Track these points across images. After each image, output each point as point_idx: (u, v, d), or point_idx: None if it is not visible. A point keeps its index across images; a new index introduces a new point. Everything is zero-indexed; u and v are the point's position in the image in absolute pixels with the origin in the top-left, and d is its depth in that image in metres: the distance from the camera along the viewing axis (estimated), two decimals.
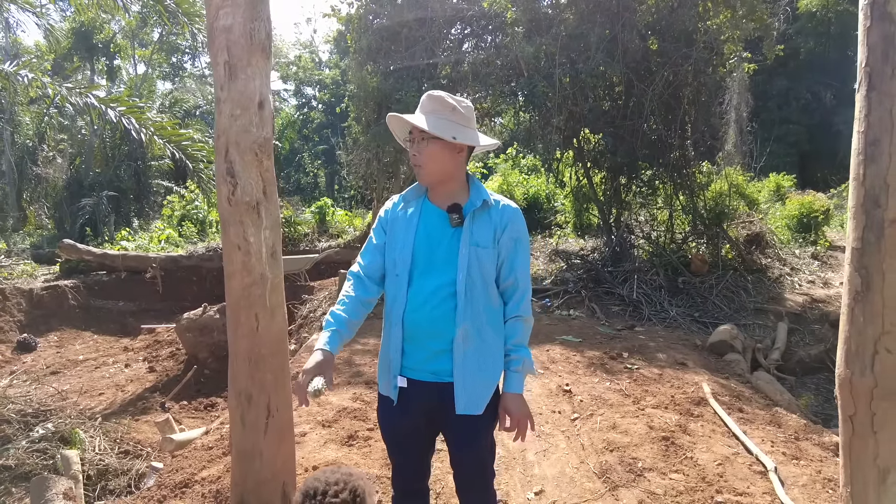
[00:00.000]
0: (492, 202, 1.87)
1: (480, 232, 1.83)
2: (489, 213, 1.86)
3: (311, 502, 1.26)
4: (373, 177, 10.04)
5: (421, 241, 1.85)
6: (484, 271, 1.82)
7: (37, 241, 15.94)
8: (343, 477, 1.31)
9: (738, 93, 17.43)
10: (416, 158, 1.83)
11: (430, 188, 1.90)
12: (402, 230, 1.87)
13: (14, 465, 4.31)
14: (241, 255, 2.44)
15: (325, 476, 1.32)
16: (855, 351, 2.08)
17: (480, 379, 1.83)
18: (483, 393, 1.84)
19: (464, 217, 1.83)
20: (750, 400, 4.26)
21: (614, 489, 2.87)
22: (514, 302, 1.88)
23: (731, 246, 8.64)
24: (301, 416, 3.76)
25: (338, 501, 1.26)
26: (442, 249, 1.83)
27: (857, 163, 2.05)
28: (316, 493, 1.27)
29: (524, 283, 1.89)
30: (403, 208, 1.92)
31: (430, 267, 1.83)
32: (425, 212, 1.89)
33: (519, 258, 1.87)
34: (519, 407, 1.84)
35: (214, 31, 2.38)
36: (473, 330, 1.82)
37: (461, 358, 1.81)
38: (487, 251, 1.82)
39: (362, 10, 9.48)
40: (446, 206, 1.86)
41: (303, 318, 7.70)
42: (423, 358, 1.84)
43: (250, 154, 2.40)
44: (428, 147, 1.81)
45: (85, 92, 7.27)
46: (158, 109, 18.64)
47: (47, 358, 8.41)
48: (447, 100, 1.84)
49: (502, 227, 1.84)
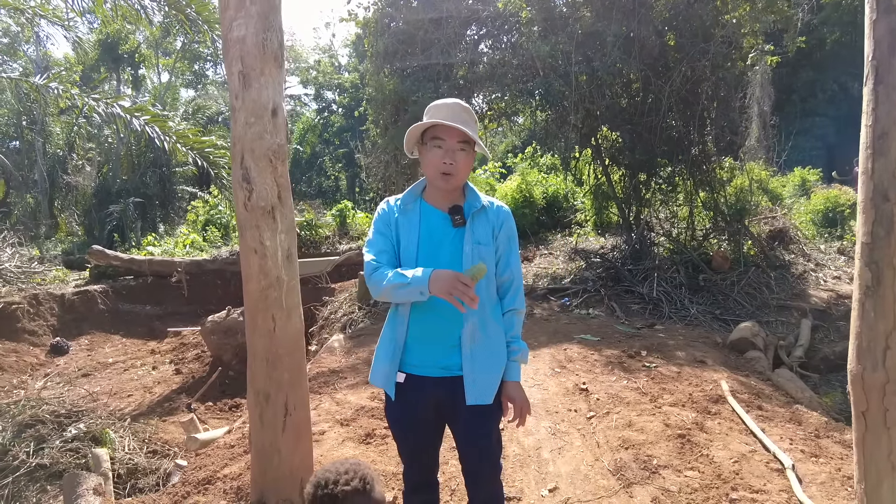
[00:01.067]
0: (487, 203, 1.98)
1: (481, 231, 1.93)
2: (486, 214, 1.96)
3: (324, 491, 1.32)
4: (391, 179, 10.13)
5: (424, 241, 1.92)
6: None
7: (68, 247, 16.39)
8: (352, 467, 1.38)
9: (760, 86, 17.13)
10: (452, 167, 1.87)
11: (434, 191, 1.97)
12: (405, 232, 1.94)
13: (49, 464, 4.47)
14: (257, 259, 2.52)
15: (335, 467, 1.38)
16: (866, 346, 2.07)
17: (488, 370, 1.90)
18: (491, 383, 1.91)
19: (465, 218, 1.92)
20: (770, 398, 4.21)
21: (628, 486, 2.88)
22: (511, 295, 1.99)
23: (754, 242, 8.52)
24: (320, 414, 3.84)
25: (349, 489, 1.33)
26: (445, 249, 1.91)
27: (866, 157, 2.04)
28: (328, 483, 1.33)
29: (518, 278, 2.01)
30: (402, 210, 1.98)
31: (434, 265, 1.88)
32: (425, 213, 1.96)
33: (513, 254, 1.99)
34: (519, 394, 1.94)
35: (229, 42, 2.47)
36: (479, 325, 1.90)
37: (469, 352, 1.89)
38: (488, 248, 1.92)
39: (378, 14, 9.57)
40: (446, 207, 1.94)
41: (324, 319, 7.81)
42: (432, 354, 1.90)
43: (265, 160, 2.48)
44: (462, 156, 1.89)
45: (111, 102, 7.47)
46: (182, 117, 19.05)
47: (79, 361, 8.67)
48: (471, 111, 1.93)
49: (499, 226, 1.96)
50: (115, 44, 20.63)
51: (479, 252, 1.90)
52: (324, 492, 1.33)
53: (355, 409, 3.91)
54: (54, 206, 19.26)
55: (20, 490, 4.25)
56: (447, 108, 1.89)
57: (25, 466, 4.29)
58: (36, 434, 4.80)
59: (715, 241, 8.72)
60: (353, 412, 3.86)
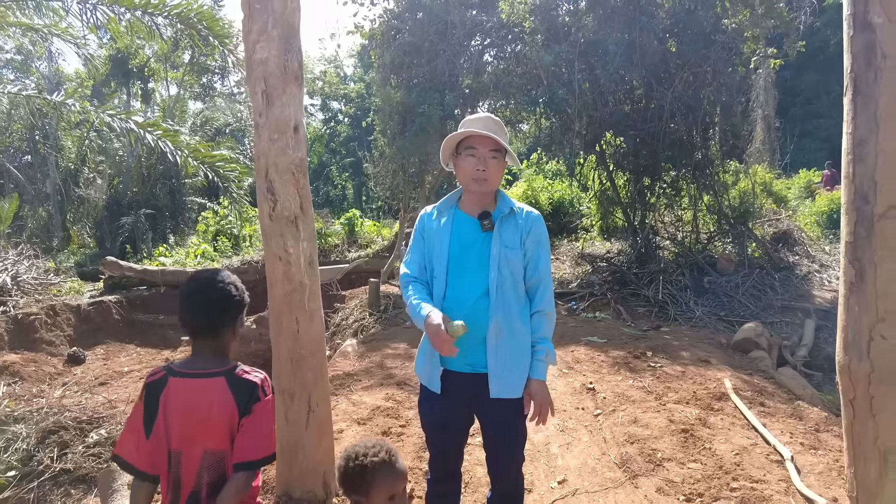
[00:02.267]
0: (517, 209, 2.11)
1: (509, 235, 2.07)
2: (515, 219, 2.10)
3: (355, 462, 1.50)
4: (399, 188, 10.32)
5: (455, 245, 2.08)
6: (513, 270, 2.05)
7: (80, 259, 16.65)
8: (378, 442, 1.57)
9: (764, 90, 17.24)
10: (484, 173, 2.05)
11: (469, 197, 2.13)
12: (438, 237, 2.11)
13: (72, 469, 4.63)
14: (282, 265, 2.69)
15: (363, 443, 1.57)
16: (852, 339, 2.21)
17: (512, 367, 2.04)
18: (515, 378, 2.04)
19: (493, 223, 2.06)
20: (772, 395, 4.34)
21: (634, 478, 3.02)
22: (539, 297, 2.11)
23: (758, 244, 8.63)
24: (338, 415, 4.00)
25: (377, 460, 1.52)
26: (474, 252, 2.07)
27: (847, 162, 2.19)
28: (358, 455, 1.52)
29: (546, 281, 2.12)
30: (437, 217, 2.16)
31: (464, 269, 2.06)
32: (457, 219, 2.12)
33: (542, 259, 2.11)
34: (542, 392, 2.05)
35: (252, 64, 2.64)
36: (505, 323, 2.04)
37: (493, 349, 2.03)
38: (515, 252, 2.06)
39: (385, 27, 9.78)
40: (477, 213, 2.10)
41: (335, 325, 7.97)
42: (461, 351, 2.03)
43: (287, 174, 2.65)
44: (495, 164, 2.06)
45: (125, 117, 7.70)
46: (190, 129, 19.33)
47: (95, 370, 8.85)
48: (502, 124, 2.10)
49: (527, 230, 2.09)
50: (125, 59, 20.99)
51: (507, 256, 2.04)
52: (355, 463, 1.51)
53: (371, 409, 4.07)
54: (66, 219, 19.57)
55: (45, 494, 4.40)
56: (480, 121, 2.08)
57: (50, 471, 4.44)
58: (59, 440, 4.95)
59: (720, 243, 8.84)
60: (369, 412, 4.02)
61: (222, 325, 1.80)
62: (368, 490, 1.53)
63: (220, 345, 1.82)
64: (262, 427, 1.74)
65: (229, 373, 1.77)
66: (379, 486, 1.52)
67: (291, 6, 2.64)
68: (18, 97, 8.71)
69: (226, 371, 1.77)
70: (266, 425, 1.75)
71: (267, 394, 1.79)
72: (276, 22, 2.59)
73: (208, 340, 1.80)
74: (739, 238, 8.58)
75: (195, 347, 1.83)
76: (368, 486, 1.52)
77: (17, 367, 8.22)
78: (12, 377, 8.01)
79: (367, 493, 1.53)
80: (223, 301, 1.81)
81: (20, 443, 4.37)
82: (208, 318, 1.79)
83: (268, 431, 1.76)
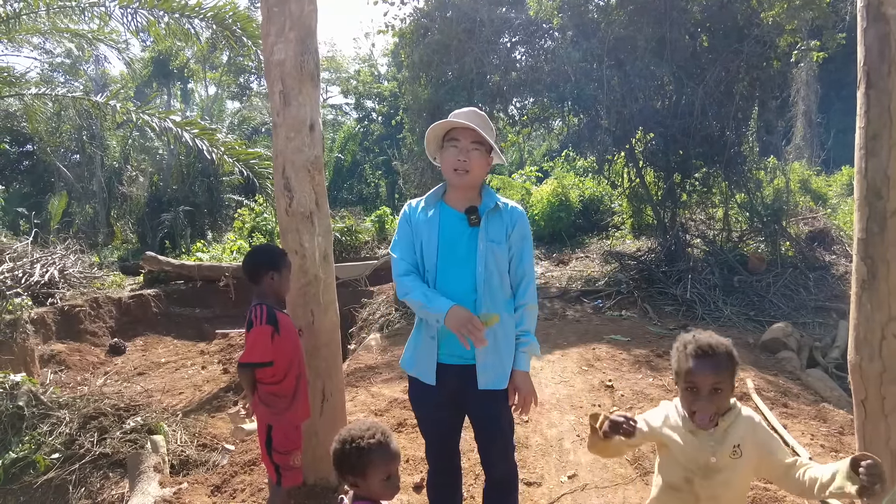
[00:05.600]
0: (501, 205, 2.14)
1: (494, 230, 2.10)
2: (500, 215, 2.13)
3: (352, 445, 1.57)
4: (428, 185, 10.39)
5: (443, 240, 2.12)
6: (499, 264, 2.08)
7: (123, 254, 17.28)
8: (372, 424, 1.63)
9: (805, 84, 16.69)
10: (465, 164, 2.07)
11: (454, 192, 2.16)
12: (426, 231, 2.14)
13: (111, 453, 4.86)
14: (297, 259, 2.79)
15: (357, 425, 1.63)
16: (863, 337, 2.17)
17: (498, 359, 2.09)
18: (501, 370, 2.09)
19: (480, 217, 2.09)
20: (797, 396, 4.25)
21: (645, 475, 3.02)
22: (522, 291, 2.15)
23: (792, 243, 8.41)
24: (356, 405, 4.10)
25: (374, 441, 1.58)
26: (461, 247, 2.11)
27: (860, 157, 2.15)
28: (354, 438, 1.58)
29: (530, 274, 2.16)
30: (424, 210, 2.19)
31: (452, 262, 2.10)
32: (444, 214, 2.16)
33: (526, 253, 2.14)
34: (525, 383, 2.10)
35: (270, 65, 2.75)
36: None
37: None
38: (501, 246, 2.09)
39: (414, 25, 9.87)
40: (463, 208, 2.12)
41: (363, 320, 8.10)
42: (451, 343, 2.10)
43: (303, 171, 2.75)
44: (476, 155, 2.08)
45: (164, 116, 7.99)
46: (228, 128, 19.81)
47: (134, 360, 9.21)
48: (486, 119, 2.12)
49: (512, 225, 2.12)
50: (166, 60, 21.68)
51: (493, 250, 2.07)
52: (351, 446, 1.57)
53: (389, 401, 4.15)
54: (111, 216, 20.34)
55: (86, 476, 4.63)
56: (463, 114, 2.12)
57: (90, 455, 4.66)
58: (99, 425, 5.19)
59: (752, 242, 8.64)
60: (387, 404, 4.11)
61: (257, 276, 2.54)
62: (365, 471, 1.59)
63: (260, 290, 2.55)
64: (248, 342, 2.51)
65: (255, 306, 2.48)
66: (376, 466, 1.59)
67: (308, 9, 2.73)
68: (66, 98, 9.10)
69: (253, 306, 2.50)
70: (248, 341, 2.51)
71: (254, 324, 2.46)
72: (294, 24, 2.68)
73: (255, 285, 2.55)
74: (772, 236, 8.36)
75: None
76: (365, 467, 1.58)
77: (64, 356, 8.62)
78: (59, 365, 8.41)
79: (363, 474, 1.59)
80: (255, 259, 2.60)
81: (64, 427, 4.59)
82: (248, 270, 2.59)
83: (249, 346, 2.50)
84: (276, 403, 2.51)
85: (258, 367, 2.47)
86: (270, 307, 2.48)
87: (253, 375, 2.52)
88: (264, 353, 2.43)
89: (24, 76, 9.70)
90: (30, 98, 8.33)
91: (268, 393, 2.51)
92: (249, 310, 2.49)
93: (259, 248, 2.86)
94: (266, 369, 2.47)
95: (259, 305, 2.47)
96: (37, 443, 3.99)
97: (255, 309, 2.46)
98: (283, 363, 2.49)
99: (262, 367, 2.46)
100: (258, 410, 2.56)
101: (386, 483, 1.61)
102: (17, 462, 3.85)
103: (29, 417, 4.23)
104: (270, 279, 2.53)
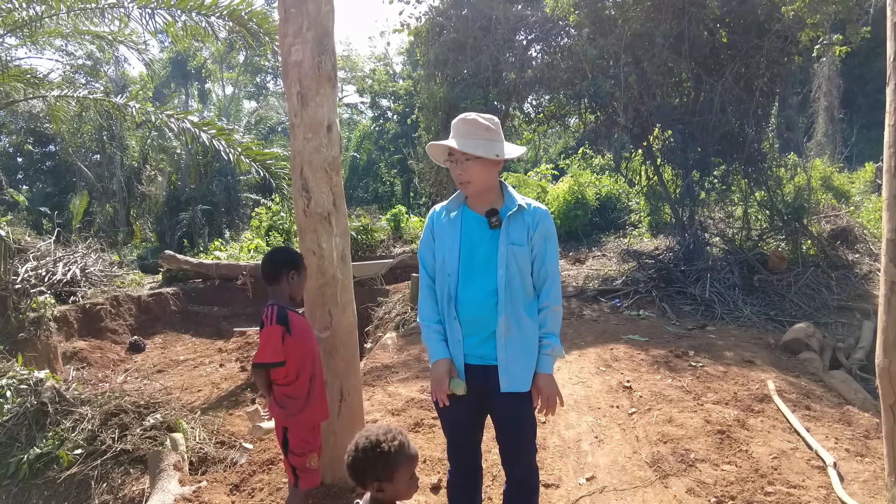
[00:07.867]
0: (524, 206, 2.12)
1: (516, 232, 2.08)
2: (522, 216, 2.11)
3: (377, 450, 1.58)
4: (443, 184, 10.39)
5: (464, 243, 2.11)
6: (521, 266, 2.07)
7: (142, 252, 17.53)
8: (388, 427, 1.64)
9: (828, 79, 16.38)
10: (463, 176, 2.08)
11: (472, 198, 2.15)
12: (448, 235, 2.14)
13: (131, 450, 4.93)
14: (315, 260, 2.79)
15: (375, 429, 1.63)
16: (892, 341, 2.12)
17: (521, 361, 2.07)
18: (524, 373, 2.08)
19: (501, 220, 2.08)
20: (820, 398, 4.18)
21: (664, 478, 2.99)
22: (546, 292, 2.12)
23: (813, 241, 8.26)
24: (373, 405, 4.10)
25: (397, 443, 1.60)
26: (482, 250, 2.10)
27: (889, 155, 2.10)
28: (379, 443, 1.58)
29: (554, 276, 2.13)
30: (447, 215, 2.19)
31: (473, 266, 2.09)
32: (466, 218, 2.15)
33: (549, 254, 2.12)
34: (548, 385, 2.08)
35: (287, 66, 2.75)
36: (513, 318, 2.07)
37: (503, 343, 2.07)
38: (522, 248, 2.07)
39: (429, 24, 9.86)
40: (484, 211, 2.12)
41: (379, 319, 8.12)
42: (473, 344, 2.10)
43: (321, 171, 2.75)
44: (471, 166, 2.06)
45: (181, 117, 8.06)
46: (245, 127, 19.99)
47: (153, 358, 9.33)
48: (480, 121, 2.08)
49: (534, 226, 2.10)
50: (184, 61, 21.93)
51: (514, 252, 2.06)
52: (376, 451, 1.57)
53: (405, 401, 4.15)
54: (130, 215, 20.64)
55: (107, 472, 4.70)
56: (454, 127, 2.12)
57: (111, 451, 4.73)
58: (119, 422, 5.27)
59: (772, 240, 8.51)
60: (404, 403, 4.11)
61: (276, 276, 2.57)
62: (392, 475, 1.60)
63: (277, 289, 2.58)
64: (260, 343, 2.49)
65: (267, 307, 2.51)
66: (402, 468, 1.60)
67: (325, 9, 2.73)
68: (87, 100, 9.23)
69: (267, 305, 2.52)
70: (261, 342, 2.50)
71: (265, 324, 2.48)
72: (311, 25, 2.68)
73: (270, 286, 2.60)
74: (793, 235, 8.22)
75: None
76: (392, 470, 1.59)
77: (85, 354, 8.77)
78: (80, 362, 8.55)
79: (391, 477, 1.60)
80: (277, 257, 2.63)
81: (86, 423, 4.66)
82: (267, 270, 2.60)
83: (261, 346, 2.49)
84: (291, 405, 2.52)
85: (271, 368, 2.50)
86: (282, 307, 2.50)
87: (267, 376, 2.55)
88: (275, 353, 2.45)
89: (47, 77, 9.86)
90: (53, 99, 8.45)
91: (282, 394, 2.54)
92: (263, 310, 2.54)
93: (279, 248, 2.80)
94: (279, 370, 2.50)
95: (271, 306, 2.50)
96: (60, 439, 4.05)
97: (268, 309, 2.50)
98: (294, 363, 2.50)
99: (274, 367, 2.49)
100: (274, 412, 2.58)
101: (410, 482, 1.63)
102: (41, 457, 3.91)
103: (52, 414, 4.30)
104: (290, 279, 2.56)
